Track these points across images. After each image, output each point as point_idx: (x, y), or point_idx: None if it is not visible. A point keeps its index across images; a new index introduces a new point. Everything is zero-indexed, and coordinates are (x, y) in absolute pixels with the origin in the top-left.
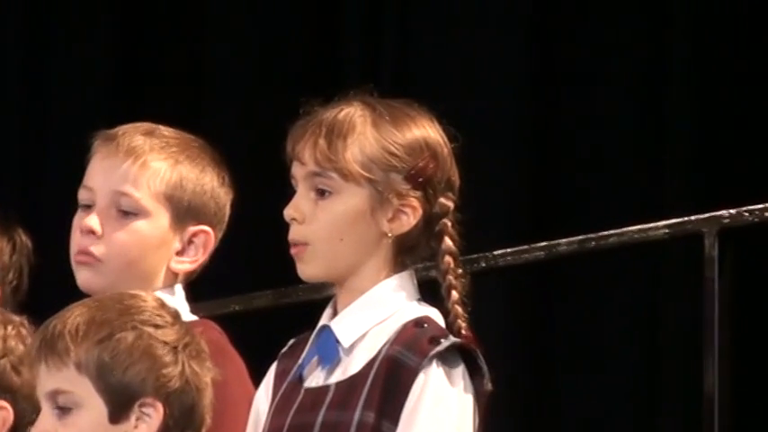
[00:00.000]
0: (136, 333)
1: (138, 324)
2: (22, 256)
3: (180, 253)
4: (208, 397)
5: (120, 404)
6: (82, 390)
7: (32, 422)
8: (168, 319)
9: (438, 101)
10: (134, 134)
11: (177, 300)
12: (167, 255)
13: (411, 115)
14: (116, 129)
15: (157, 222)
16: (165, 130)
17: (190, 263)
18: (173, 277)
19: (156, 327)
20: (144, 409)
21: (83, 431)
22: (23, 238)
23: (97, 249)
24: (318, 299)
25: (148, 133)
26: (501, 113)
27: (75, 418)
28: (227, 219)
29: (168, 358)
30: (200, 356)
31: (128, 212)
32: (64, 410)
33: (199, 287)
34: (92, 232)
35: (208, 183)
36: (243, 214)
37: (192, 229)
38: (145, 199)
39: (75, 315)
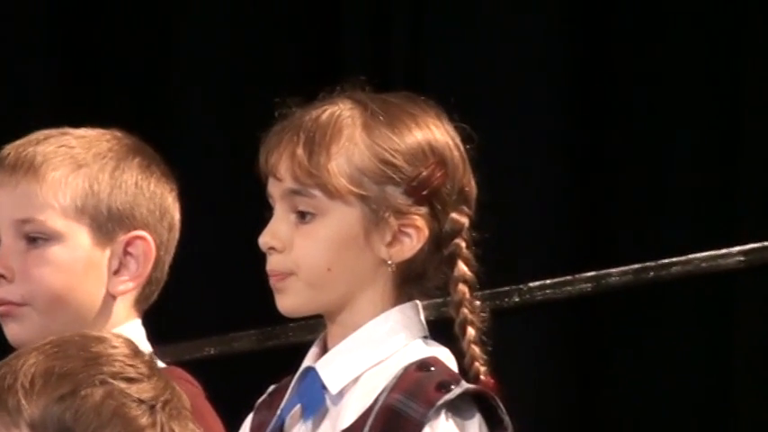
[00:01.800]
0: (105, 389)
1: (108, 377)
2: None
3: (117, 272)
4: None
5: None
6: None
7: None
8: (143, 369)
9: (458, 100)
10: (25, 147)
11: (136, 341)
12: (100, 279)
13: (412, 113)
14: (6, 147)
15: (76, 243)
16: (67, 132)
17: (132, 280)
18: (122, 307)
19: (130, 381)
20: None
21: None
22: None
23: (13, 294)
24: (312, 340)
25: (42, 141)
26: (538, 112)
27: None
28: (172, 215)
29: (144, 420)
30: (181, 416)
31: (36, 239)
32: None
33: (166, 326)
34: (1, 276)
35: (128, 179)
36: (221, 239)
37: (123, 238)
38: (52, 219)
39: (29, 364)
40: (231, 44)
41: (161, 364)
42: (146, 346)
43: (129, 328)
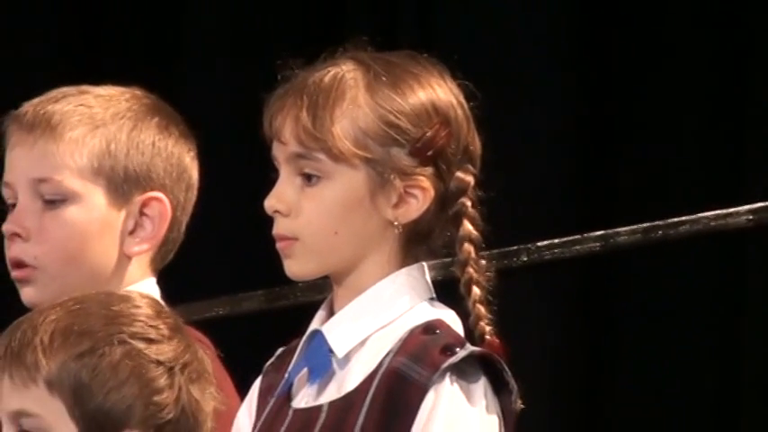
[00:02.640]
0: (124, 349)
1: (128, 337)
2: None
3: (133, 233)
4: (207, 430)
5: None
6: (52, 414)
7: None
8: (165, 331)
9: (467, 58)
10: (43, 105)
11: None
12: (115, 239)
13: (415, 73)
14: (25, 104)
15: (92, 204)
16: (86, 90)
17: (147, 241)
18: (137, 267)
19: (150, 342)
20: None
21: None
22: None
23: (27, 254)
24: (320, 300)
25: (60, 99)
26: (547, 72)
27: None
28: (189, 174)
29: (162, 382)
30: (201, 379)
31: (53, 201)
32: None
33: (175, 286)
34: (16, 235)
35: (146, 139)
36: (230, 200)
37: (139, 199)
38: (68, 180)
39: (49, 320)
40: (236, 7)
41: None
42: None
43: (144, 288)
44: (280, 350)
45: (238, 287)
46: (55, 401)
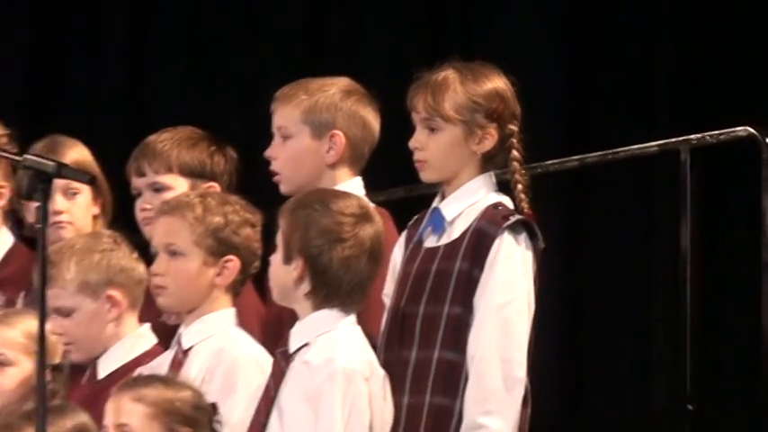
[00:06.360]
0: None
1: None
2: (232, 166)
3: (329, 150)
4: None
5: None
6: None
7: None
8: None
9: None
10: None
11: (358, 190)
12: (321, 161)
13: (485, 73)
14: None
15: (301, 140)
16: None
17: (335, 155)
18: (344, 173)
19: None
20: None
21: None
22: (232, 153)
23: (276, 166)
24: (434, 192)
25: (296, 83)
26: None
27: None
28: (358, 119)
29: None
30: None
31: (285, 137)
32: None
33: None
34: (271, 158)
35: (330, 95)
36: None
37: (329, 133)
38: (291, 126)
39: None
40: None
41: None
42: (361, 193)
43: (351, 186)
44: (415, 216)
45: (400, 183)
46: None
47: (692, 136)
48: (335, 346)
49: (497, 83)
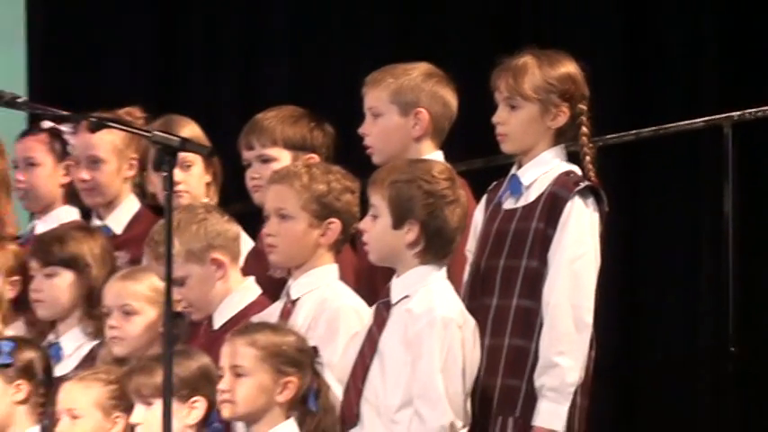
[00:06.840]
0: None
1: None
2: (329, 139)
3: (415, 125)
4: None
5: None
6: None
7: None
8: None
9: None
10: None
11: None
12: (407, 136)
13: (559, 59)
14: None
15: (390, 118)
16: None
17: (420, 129)
18: (427, 146)
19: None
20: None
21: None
22: (330, 128)
23: (368, 141)
24: (509, 162)
25: (383, 69)
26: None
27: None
28: (439, 97)
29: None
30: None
31: (376, 116)
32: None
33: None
34: (365, 134)
35: (413, 78)
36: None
37: (414, 111)
38: (381, 106)
39: None
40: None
41: None
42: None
43: (434, 157)
44: (494, 183)
45: (478, 156)
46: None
47: (734, 113)
48: (434, 296)
49: (570, 67)
